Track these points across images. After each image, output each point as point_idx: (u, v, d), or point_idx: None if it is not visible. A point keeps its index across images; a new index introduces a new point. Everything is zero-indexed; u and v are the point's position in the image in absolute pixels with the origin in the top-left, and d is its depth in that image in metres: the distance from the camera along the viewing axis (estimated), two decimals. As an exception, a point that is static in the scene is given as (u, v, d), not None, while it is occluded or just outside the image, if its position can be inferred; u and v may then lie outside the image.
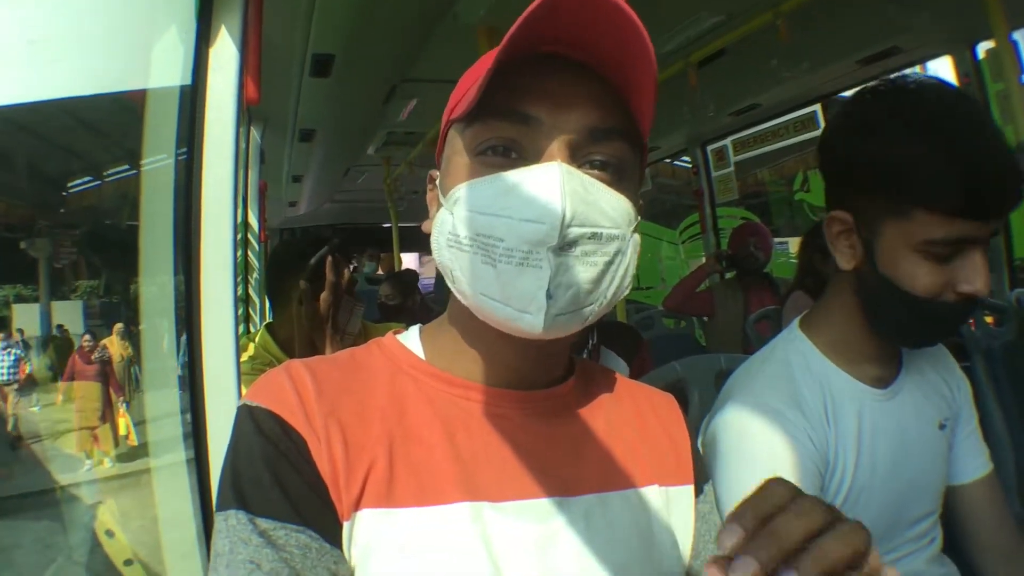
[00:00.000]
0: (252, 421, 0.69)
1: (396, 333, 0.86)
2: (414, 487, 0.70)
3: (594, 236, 0.66)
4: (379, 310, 4.63)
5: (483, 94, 0.67)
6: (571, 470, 0.78)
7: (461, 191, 0.70)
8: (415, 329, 0.86)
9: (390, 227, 7.25)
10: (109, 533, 3.29)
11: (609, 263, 0.68)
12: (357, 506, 0.68)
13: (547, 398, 0.81)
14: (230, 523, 0.65)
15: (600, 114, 0.69)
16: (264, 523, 0.64)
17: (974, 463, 1.26)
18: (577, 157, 0.69)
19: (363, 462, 0.70)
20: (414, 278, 4.97)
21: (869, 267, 1.07)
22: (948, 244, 0.99)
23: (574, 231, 0.64)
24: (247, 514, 0.65)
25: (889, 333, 1.14)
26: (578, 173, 0.66)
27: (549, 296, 0.64)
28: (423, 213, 0.81)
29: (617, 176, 0.71)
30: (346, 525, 0.68)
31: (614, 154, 0.70)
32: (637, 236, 0.73)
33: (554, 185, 0.64)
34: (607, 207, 0.68)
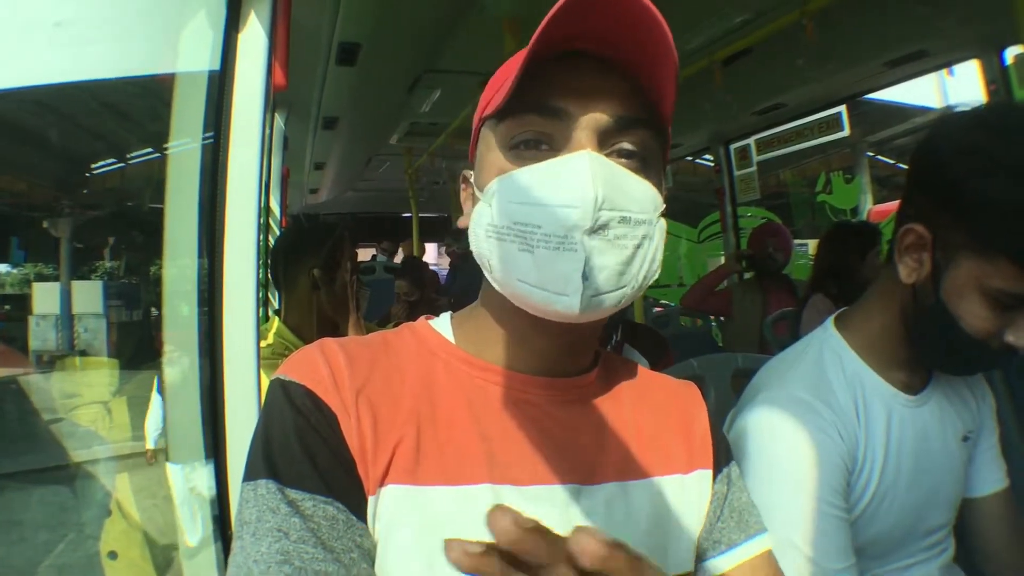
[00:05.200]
0: (285, 395, 0.72)
1: (427, 319, 0.89)
2: (440, 466, 0.73)
3: (624, 220, 0.68)
4: (405, 310, 4.46)
5: (514, 91, 0.70)
6: (593, 458, 0.80)
7: (498, 183, 0.73)
8: (446, 315, 0.89)
9: (409, 216, 7.26)
10: (112, 555, 3.32)
11: (638, 246, 0.70)
12: (383, 481, 0.71)
13: (572, 386, 0.84)
14: (259, 492, 0.67)
15: (625, 106, 0.72)
16: (293, 493, 0.66)
17: (992, 477, 1.26)
18: (605, 146, 0.72)
19: (391, 439, 0.72)
20: (421, 266, 4.93)
21: (930, 288, 1.05)
22: (1018, 298, 0.97)
23: (605, 214, 0.67)
24: (277, 484, 0.67)
25: (924, 352, 1.13)
26: (606, 160, 0.70)
27: (585, 278, 0.67)
28: (443, 204, 0.85)
29: (643, 164, 0.74)
30: (372, 500, 0.70)
31: (639, 143, 0.73)
32: (663, 222, 0.75)
33: (584, 171, 0.67)
34: (634, 192, 0.70)
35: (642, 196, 0.71)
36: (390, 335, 0.85)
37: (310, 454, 0.68)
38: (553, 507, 0.75)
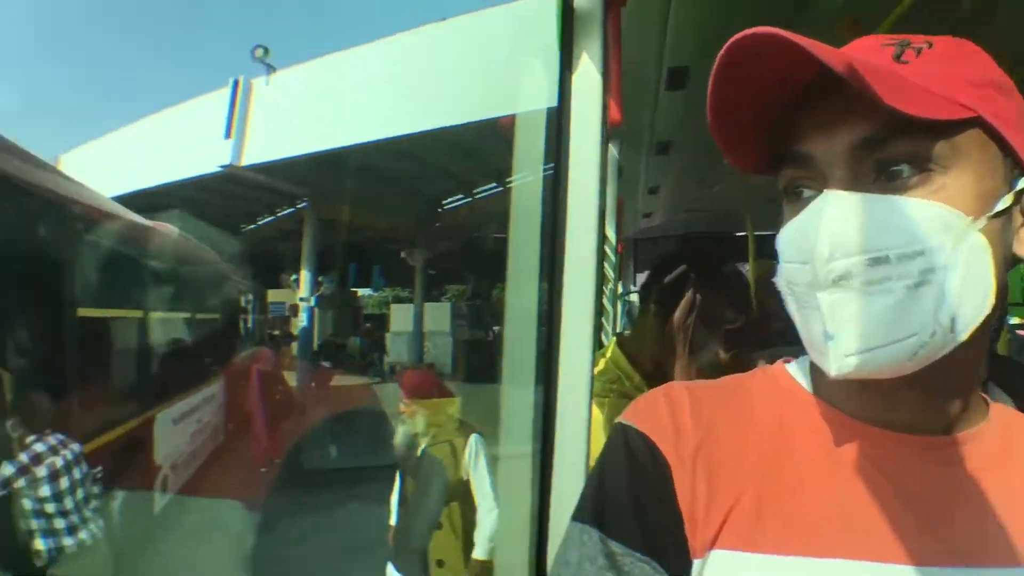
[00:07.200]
0: (625, 440, 0.72)
1: (785, 362, 0.81)
2: (783, 531, 0.66)
3: (877, 260, 0.60)
4: (721, 341, 4.11)
5: (775, 143, 0.71)
6: (976, 533, 0.66)
7: (777, 240, 0.70)
8: (806, 358, 0.77)
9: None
10: (440, 563, 3.62)
11: (917, 284, 0.60)
12: (713, 544, 0.66)
13: (951, 444, 0.70)
14: (583, 538, 0.69)
15: (866, 124, 0.63)
16: (614, 546, 0.67)
17: None
18: (863, 175, 0.64)
19: (728, 496, 0.68)
20: (742, 282, 4.48)
21: None
22: None
23: (841, 263, 0.60)
24: (600, 534, 0.68)
25: None
26: (848, 196, 0.62)
27: (829, 337, 0.62)
28: (780, 222, 0.79)
29: (919, 177, 0.62)
30: (696, 563, 0.67)
31: (907, 154, 0.62)
32: (976, 239, 0.62)
33: (813, 220, 0.63)
34: (894, 223, 0.61)
35: (909, 224, 0.60)
36: (745, 378, 0.80)
37: (638, 508, 0.68)
38: None
